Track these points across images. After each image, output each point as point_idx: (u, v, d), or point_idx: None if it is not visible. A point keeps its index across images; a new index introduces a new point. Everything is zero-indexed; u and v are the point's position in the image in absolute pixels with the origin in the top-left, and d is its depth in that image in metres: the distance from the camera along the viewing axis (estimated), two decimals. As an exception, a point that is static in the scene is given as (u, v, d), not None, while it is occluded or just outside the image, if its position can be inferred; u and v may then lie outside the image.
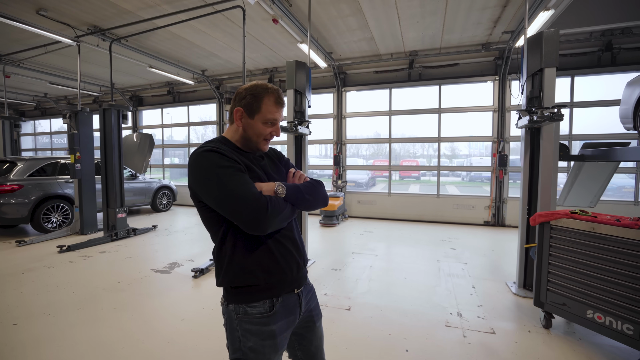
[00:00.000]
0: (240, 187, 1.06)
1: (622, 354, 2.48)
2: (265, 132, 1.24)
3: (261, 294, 1.17)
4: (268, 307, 1.18)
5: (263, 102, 1.21)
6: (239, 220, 1.07)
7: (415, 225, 7.63)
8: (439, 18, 5.85)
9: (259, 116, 1.21)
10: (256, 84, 1.23)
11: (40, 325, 2.89)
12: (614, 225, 2.37)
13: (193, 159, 1.13)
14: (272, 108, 1.22)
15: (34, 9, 5.53)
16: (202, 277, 4.14)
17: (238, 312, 1.17)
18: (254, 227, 1.07)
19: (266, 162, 1.32)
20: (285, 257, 1.21)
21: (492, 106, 7.59)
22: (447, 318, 3.07)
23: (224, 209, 1.08)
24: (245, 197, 1.05)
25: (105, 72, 8.79)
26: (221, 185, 1.06)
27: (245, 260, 1.16)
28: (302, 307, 1.29)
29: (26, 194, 6.05)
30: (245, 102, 1.22)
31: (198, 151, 1.14)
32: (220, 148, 1.14)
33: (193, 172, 1.13)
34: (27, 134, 14.89)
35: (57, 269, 4.43)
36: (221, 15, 5.64)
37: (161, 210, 9.28)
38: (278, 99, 1.24)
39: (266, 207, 1.07)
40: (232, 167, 1.10)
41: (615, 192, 9.12)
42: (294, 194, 1.19)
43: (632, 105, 3.22)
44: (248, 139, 1.25)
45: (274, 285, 1.19)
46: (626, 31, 6.24)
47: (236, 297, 1.18)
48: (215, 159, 1.10)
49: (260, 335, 1.16)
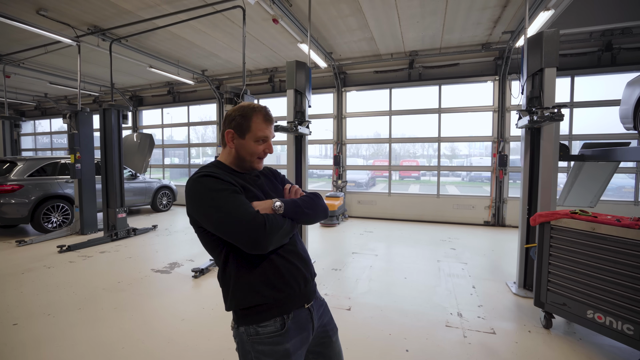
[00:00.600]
0: (236, 208, 1.06)
1: (622, 354, 2.48)
2: (258, 151, 1.25)
3: (271, 312, 1.15)
4: (279, 326, 1.15)
5: (252, 120, 1.22)
6: (238, 242, 1.06)
7: (415, 225, 7.63)
8: (439, 18, 5.85)
9: (250, 135, 1.23)
10: (242, 105, 1.26)
11: (41, 325, 2.89)
12: (614, 225, 2.37)
13: (189, 186, 1.14)
14: (262, 125, 1.24)
15: (34, 9, 5.53)
16: (202, 277, 4.14)
17: (249, 333, 1.14)
18: (254, 246, 1.06)
19: (262, 181, 1.33)
20: (290, 272, 1.19)
21: (492, 106, 7.59)
22: (447, 318, 3.07)
23: (223, 232, 1.08)
24: (241, 218, 1.05)
25: (105, 72, 8.79)
26: (217, 208, 1.06)
27: (251, 280, 1.14)
28: (315, 322, 1.26)
29: (26, 194, 6.05)
30: (235, 124, 1.23)
31: (194, 177, 1.15)
32: (215, 172, 1.15)
33: (190, 199, 1.14)
34: (27, 134, 14.89)
35: (57, 269, 4.43)
36: (221, 15, 5.64)
37: (161, 210, 9.28)
38: (266, 116, 1.25)
39: (264, 226, 1.06)
40: (227, 190, 1.10)
41: (615, 192, 9.12)
42: (292, 209, 1.19)
43: (632, 105, 3.22)
44: (242, 160, 1.26)
45: (282, 302, 1.17)
46: (626, 31, 6.25)
47: (246, 318, 1.15)
48: (210, 183, 1.11)
49: (274, 355, 1.13)
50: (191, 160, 11.40)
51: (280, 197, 1.31)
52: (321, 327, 1.30)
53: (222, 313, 3.18)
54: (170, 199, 9.61)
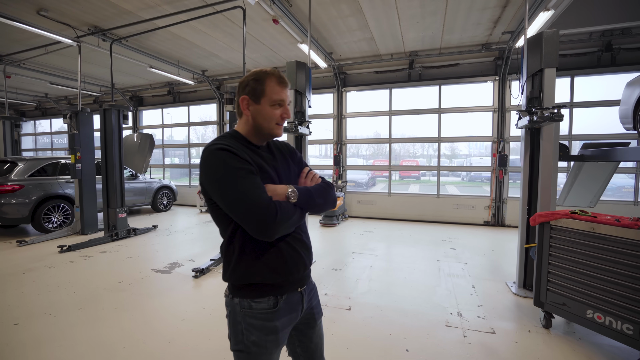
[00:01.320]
0: (250, 191, 1.05)
1: (621, 353, 2.48)
2: (275, 115, 1.21)
3: (266, 291, 1.18)
4: (272, 304, 1.19)
5: (266, 84, 1.19)
6: (246, 226, 1.07)
7: (415, 225, 7.63)
8: (439, 18, 5.86)
9: (265, 99, 1.19)
10: (255, 70, 1.22)
11: (41, 325, 2.90)
12: (613, 225, 2.38)
13: (205, 157, 1.11)
14: (276, 88, 1.20)
15: (35, 10, 5.54)
16: (203, 277, 4.14)
17: (243, 306, 1.18)
18: (261, 233, 1.07)
19: (278, 160, 1.29)
20: (293, 259, 1.21)
21: (492, 106, 7.60)
22: (447, 318, 3.08)
23: (233, 213, 1.08)
24: (254, 203, 1.04)
25: (105, 72, 8.80)
26: (232, 188, 1.05)
27: (253, 261, 1.16)
28: (304, 304, 1.30)
29: (27, 194, 6.06)
30: (249, 89, 1.20)
31: (210, 148, 1.11)
32: (233, 146, 1.12)
33: (205, 171, 1.12)
34: (28, 134, 14.90)
35: (58, 269, 4.43)
36: (221, 15, 5.65)
37: (161, 210, 9.29)
38: (280, 79, 1.21)
39: (275, 215, 1.06)
40: (244, 169, 1.08)
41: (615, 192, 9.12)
42: (305, 198, 1.18)
43: (632, 105, 3.22)
44: (259, 127, 1.22)
45: (279, 285, 1.20)
46: (626, 31, 6.25)
47: (241, 291, 1.19)
48: (228, 158, 1.08)
49: (264, 330, 1.18)
50: (191, 160, 11.40)
51: (293, 180, 1.30)
52: (309, 309, 1.34)
53: (222, 313, 3.18)
54: (171, 199, 9.61)
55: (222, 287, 3.86)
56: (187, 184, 11.09)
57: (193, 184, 10.99)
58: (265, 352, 1.19)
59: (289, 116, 1.25)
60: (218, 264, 4.60)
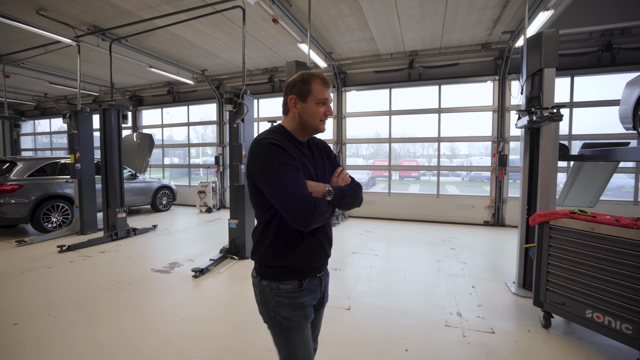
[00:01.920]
0: (294, 186, 1.19)
1: (621, 353, 2.48)
2: (320, 112, 1.35)
3: (291, 275, 1.33)
4: (297, 285, 1.34)
5: (312, 85, 1.32)
6: (286, 215, 1.20)
7: (415, 225, 7.63)
8: (438, 18, 5.86)
9: (311, 98, 1.32)
10: (302, 73, 1.37)
11: (41, 325, 2.90)
12: (613, 225, 2.38)
13: (257, 148, 1.25)
14: (321, 88, 1.33)
15: (34, 9, 5.53)
16: (202, 277, 4.14)
17: (271, 287, 1.33)
18: (299, 224, 1.20)
19: (316, 156, 1.45)
20: (318, 251, 1.37)
21: (492, 106, 7.60)
22: (446, 318, 3.08)
23: (276, 202, 1.21)
24: (296, 197, 1.18)
25: (105, 72, 8.79)
26: (278, 181, 1.19)
27: (284, 247, 1.31)
28: (322, 287, 1.48)
29: (26, 194, 6.05)
30: (296, 89, 1.34)
31: (263, 142, 1.24)
32: (282, 143, 1.25)
33: (255, 161, 1.25)
34: (27, 134, 14.88)
35: (57, 268, 4.43)
36: (221, 15, 5.64)
37: (161, 210, 9.28)
38: (324, 80, 1.35)
39: (314, 210, 1.20)
40: (291, 165, 1.22)
41: (615, 192, 9.13)
42: (338, 197, 1.32)
43: (632, 105, 3.22)
44: (305, 124, 1.36)
45: (303, 271, 1.36)
46: (626, 31, 6.25)
47: (269, 274, 1.34)
48: (277, 153, 1.22)
49: (292, 306, 1.33)
50: (191, 160, 11.40)
51: (327, 178, 1.45)
52: (323, 295, 1.51)
53: (222, 313, 3.19)
54: (170, 198, 9.61)
55: (221, 287, 3.86)
56: (186, 183, 11.08)
57: (193, 183, 10.98)
58: (297, 325, 1.34)
59: (331, 113, 1.40)
60: (218, 263, 4.60)
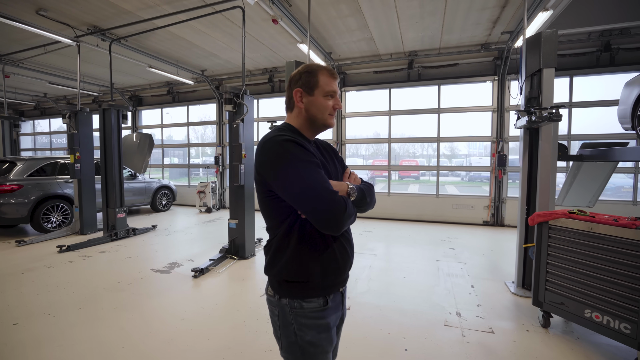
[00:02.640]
0: (320, 185, 1.05)
1: (619, 352, 2.49)
2: (328, 106, 1.23)
3: (317, 291, 1.18)
4: (322, 302, 1.19)
5: (319, 76, 1.21)
6: (315, 218, 1.05)
7: (415, 225, 7.64)
8: (438, 18, 5.86)
9: (319, 90, 1.21)
10: (306, 65, 1.25)
11: (41, 325, 2.90)
12: (611, 225, 2.38)
13: (269, 147, 1.10)
14: (328, 79, 1.22)
15: (34, 9, 5.53)
16: (202, 277, 4.14)
17: (293, 306, 1.17)
18: (330, 226, 1.05)
19: (325, 156, 1.32)
20: (344, 260, 1.23)
21: (491, 106, 7.61)
22: (446, 317, 3.09)
23: (301, 205, 1.06)
24: (326, 195, 1.04)
25: (104, 72, 8.79)
26: (301, 179, 1.04)
27: (308, 258, 1.15)
28: (344, 303, 1.34)
29: (26, 194, 6.05)
30: (302, 82, 1.22)
31: (276, 139, 1.10)
32: (297, 138, 1.12)
33: (270, 160, 1.09)
34: (27, 134, 14.88)
35: (57, 268, 4.43)
36: (221, 15, 5.65)
37: (161, 210, 9.28)
38: (331, 71, 1.24)
39: (344, 208, 1.06)
40: (312, 162, 1.08)
41: (614, 191, 9.15)
42: (360, 197, 1.20)
43: (630, 105, 3.24)
44: (313, 119, 1.24)
45: (328, 285, 1.21)
46: (624, 32, 6.26)
47: (291, 291, 1.17)
48: (296, 151, 1.08)
49: (317, 328, 1.18)
50: (191, 160, 11.40)
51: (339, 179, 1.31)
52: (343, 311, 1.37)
53: (222, 313, 3.19)
54: (170, 198, 9.61)
55: (221, 287, 3.86)
56: (186, 184, 11.08)
57: (192, 183, 10.98)
58: (322, 352, 1.19)
59: (340, 106, 1.26)
60: (217, 263, 4.61)
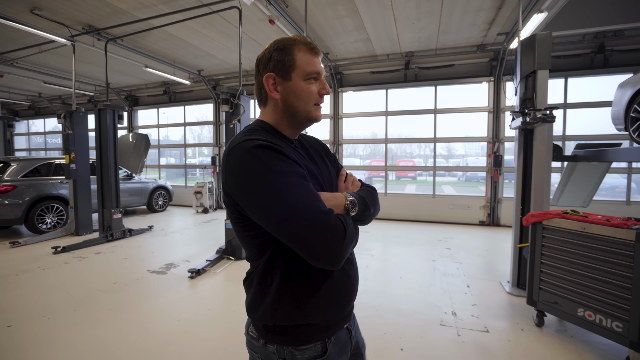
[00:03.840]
0: (307, 205, 0.78)
1: (611, 350, 2.52)
2: (312, 92, 0.92)
3: (313, 335, 0.91)
4: (320, 350, 0.92)
5: (294, 53, 0.90)
6: (306, 253, 0.79)
7: (411, 225, 7.67)
8: (434, 19, 5.89)
9: (297, 72, 0.91)
10: (276, 40, 0.94)
11: (36, 327, 2.88)
12: (604, 225, 2.41)
13: (237, 157, 0.82)
14: (308, 56, 0.91)
15: (28, 8, 5.49)
16: (199, 278, 4.14)
17: (282, 355, 0.91)
18: (326, 260, 0.79)
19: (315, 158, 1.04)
20: (347, 288, 0.96)
21: (487, 107, 7.66)
22: (441, 317, 3.11)
23: (284, 235, 0.79)
24: (315, 221, 0.77)
25: (100, 71, 8.74)
26: (281, 202, 0.77)
27: (300, 295, 0.89)
28: (353, 341, 1.04)
29: (20, 195, 6.00)
30: (273, 64, 0.91)
31: (246, 145, 0.81)
32: (274, 142, 0.85)
33: (238, 177, 0.81)
34: (21, 134, 14.74)
35: (52, 270, 4.40)
36: (217, 15, 5.64)
37: (157, 211, 9.25)
38: (310, 45, 0.92)
39: (344, 234, 0.80)
40: (296, 174, 0.81)
41: (609, 191, 9.23)
42: (362, 210, 0.93)
43: (624, 106, 3.28)
44: (293, 113, 0.93)
45: (329, 324, 0.94)
46: (618, 33, 6.33)
47: (281, 337, 0.91)
48: (273, 160, 0.80)
49: None
50: (187, 161, 11.36)
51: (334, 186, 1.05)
52: (355, 346, 1.07)
53: (218, 314, 3.19)
54: (166, 199, 9.57)
55: (217, 288, 3.86)
56: (183, 184, 11.04)
57: (189, 184, 10.95)
58: None
59: (328, 92, 0.95)
60: (214, 264, 4.60)
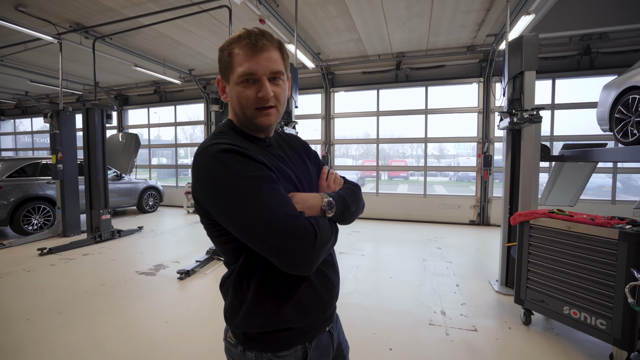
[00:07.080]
0: (274, 209, 0.74)
1: (596, 348, 2.57)
2: (247, 97, 0.84)
3: (294, 340, 0.90)
4: (300, 355, 0.90)
5: (233, 54, 0.84)
6: (275, 258, 0.76)
7: (402, 225, 7.71)
8: (424, 20, 5.93)
9: (233, 75, 0.85)
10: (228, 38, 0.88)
11: (18, 331, 2.81)
12: (588, 224, 2.45)
13: (202, 163, 0.79)
14: (244, 55, 0.82)
15: (13, 5, 5.36)
16: (188, 279, 4.09)
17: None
18: (298, 267, 0.77)
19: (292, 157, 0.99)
20: (327, 290, 0.94)
21: (477, 107, 7.74)
22: (431, 316, 3.13)
23: (253, 241, 0.76)
24: (282, 226, 0.74)
25: (88, 70, 8.59)
26: (247, 208, 0.74)
27: (277, 300, 0.87)
28: (334, 344, 1.02)
29: (5, 196, 5.87)
30: (219, 66, 0.89)
31: (211, 150, 0.79)
32: (240, 144, 0.82)
33: (204, 183, 0.79)
34: (7, 134, 14.43)
35: (37, 272, 4.31)
36: (207, 14, 5.59)
37: (147, 211, 9.13)
38: (252, 41, 0.82)
39: (314, 239, 0.77)
40: (264, 178, 0.77)
41: (595, 191, 9.40)
42: (341, 210, 0.90)
43: (608, 107, 3.34)
44: (243, 117, 0.89)
45: (309, 327, 0.92)
46: (603, 36, 6.45)
47: (260, 343, 0.89)
48: (239, 164, 0.77)
49: None
50: (179, 161, 11.24)
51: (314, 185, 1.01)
52: (337, 349, 1.06)
53: (207, 315, 3.16)
54: (157, 199, 9.46)
55: (207, 289, 3.82)
56: (174, 184, 10.93)
57: (180, 184, 10.84)
58: None
59: (266, 95, 0.84)
60: (204, 265, 4.55)
